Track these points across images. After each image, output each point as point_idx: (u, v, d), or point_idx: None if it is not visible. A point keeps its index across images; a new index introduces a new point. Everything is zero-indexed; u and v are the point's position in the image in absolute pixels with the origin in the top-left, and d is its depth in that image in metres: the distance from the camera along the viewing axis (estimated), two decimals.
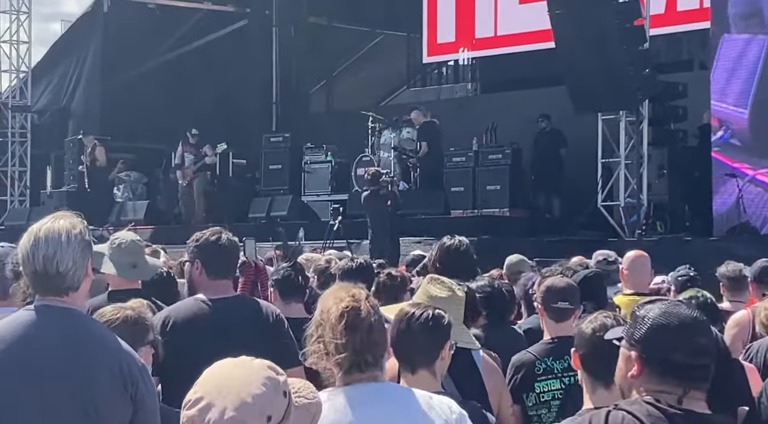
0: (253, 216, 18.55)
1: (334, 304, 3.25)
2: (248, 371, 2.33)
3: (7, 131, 21.54)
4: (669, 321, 2.63)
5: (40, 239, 3.28)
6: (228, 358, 2.40)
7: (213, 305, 4.90)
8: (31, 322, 3.27)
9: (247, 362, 2.36)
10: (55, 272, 3.25)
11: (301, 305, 5.69)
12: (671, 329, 2.63)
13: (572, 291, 4.95)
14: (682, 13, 17.56)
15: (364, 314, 3.21)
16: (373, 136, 18.44)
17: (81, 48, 23.14)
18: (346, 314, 3.21)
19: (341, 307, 3.22)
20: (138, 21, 22.49)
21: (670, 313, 2.65)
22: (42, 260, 3.25)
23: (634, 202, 14.96)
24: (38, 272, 3.26)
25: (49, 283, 3.27)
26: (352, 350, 3.19)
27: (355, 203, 16.10)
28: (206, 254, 4.97)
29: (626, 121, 15.05)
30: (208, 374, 2.34)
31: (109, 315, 3.86)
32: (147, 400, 3.28)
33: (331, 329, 3.22)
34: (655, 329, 2.64)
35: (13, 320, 3.31)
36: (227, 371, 2.34)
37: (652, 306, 2.68)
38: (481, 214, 16.53)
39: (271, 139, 20.30)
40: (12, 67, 21.94)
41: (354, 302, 3.23)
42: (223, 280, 5.00)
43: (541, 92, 18.50)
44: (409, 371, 3.65)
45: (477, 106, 20.83)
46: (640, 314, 2.68)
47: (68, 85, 23.05)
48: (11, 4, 21.60)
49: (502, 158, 17.13)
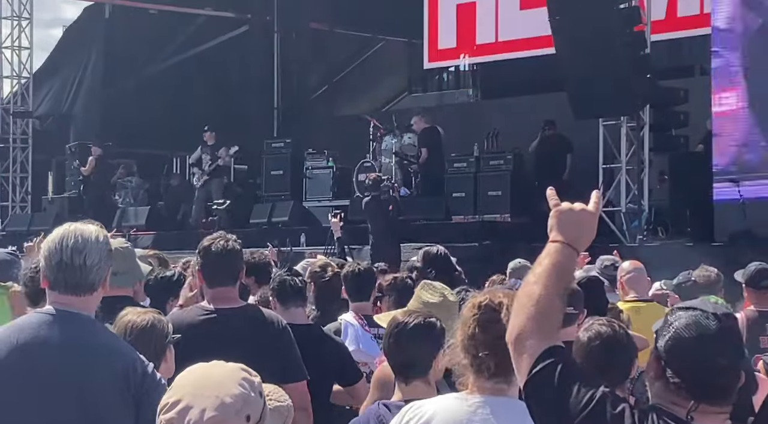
0: (255, 222, 18.55)
1: (471, 299, 3.16)
2: (223, 372, 2.34)
3: (9, 137, 21.54)
4: (692, 334, 2.51)
5: (70, 232, 3.36)
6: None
7: (215, 314, 4.82)
8: (37, 326, 3.29)
9: (220, 364, 2.37)
10: (81, 262, 3.31)
11: (302, 309, 5.67)
12: (692, 344, 2.51)
13: (577, 296, 4.96)
14: (682, 18, 17.57)
15: (502, 313, 3.07)
16: (374, 142, 18.44)
17: (82, 54, 23.17)
18: (483, 308, 3.11)
19: (478, 301, 3.13)
20: (139, 27, 22.53)
21: (696, 326, 2.52)
22: (70, 251, 3.31)
23: (636, 208, 14.96)
24: (64, 261, 3.31)
25: (73, 276, 3.32)
26: (483, 347, 3.06)
27: (356, 209, 16.10)
28: (205, 261, 4.89)
29: (627, 126, 15.06)
30: (183, 378, 2.34)
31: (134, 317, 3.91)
32: (154, 401, 3.27)
33: (465, 323, 3.11)
34: (676, 339, 2.53)
35: (20, 323, 3.34)
36: (202, 373, 2.34)
37: (683, 314, 2.56)
38: (482, 219, 16.52)
39: (272, 145, 20.30)
40: (14, 73, 21.95)
41: (490, 300, 3.13)
42: (224, 288, 4.88)
43: (542, 98, 18.51)
44: (403, 381, 3.59)
45: (478, 112, 20.85)
46: (670, 318, 2.58)
47: (69, 90, 23.07)
48: (13, 10, 21.62)
49: (504, 164, 17.12)
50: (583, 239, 2.73)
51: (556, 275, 2.63)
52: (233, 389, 2.28)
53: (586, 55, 14.05)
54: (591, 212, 2.76)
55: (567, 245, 2.69)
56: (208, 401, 2.25)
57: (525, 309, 2.57)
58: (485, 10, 20.09)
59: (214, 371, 2.34)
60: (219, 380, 2.30)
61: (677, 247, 13.48)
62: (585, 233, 2.74)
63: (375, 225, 14.48)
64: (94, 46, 22.98)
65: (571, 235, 2.72)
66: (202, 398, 2.26)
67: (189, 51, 23.42)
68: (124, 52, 22.38)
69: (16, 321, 3.41)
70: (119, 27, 22.56)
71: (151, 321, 3.92)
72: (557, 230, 2.74)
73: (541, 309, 2.56)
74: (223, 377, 2.32)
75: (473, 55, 20.73)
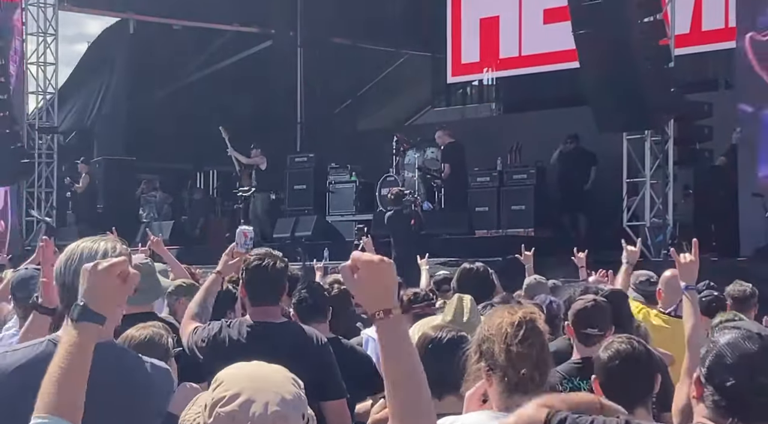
0: (278, 236, 18.57)
1: (508, 315, 3.07)
2: (275, 370, 2.34)
3: (34, 152, 21.67)
4: (734, 353, 2.52)
5: (75, 254, 3.21)
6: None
7: (258, 329, 4.90)
8: (49, 355, 3.02)
9: (267, 365, 2.36)
10: None
11: (324, 324, 5.66)
12: (734, 362, 2.52)
13: (602, 317, 4.93)
14: (707, 32, 17.51)
15: (541, 328, 3.04)
16: (397, 156, 18.45)
17: (106, 69, 23.32)
18: (524, 323, 3.05)
19: (518, 317, 3.05)
20: (163, 42, 22.65)
21: (738, 345, 2.53)
22: (72, 274, 3.14)
23: (660, 222, 14.88)
24: (67, 285, 3.18)
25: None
26: (524, 363, 3.00)
27: (379, 223, 16.09)
28: (249, 278, 4.97)
29: (651, 140, 14.99)
30: (233, 373, 2.32)
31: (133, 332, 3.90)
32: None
33: (503, 338, 3.03)
34: (718, 357, 2.54)
35: (34, 350, 3.20)
36: (255, 369, 2.34)
37: (727, 332, 2.58)
38: (505, 234, 16.48)
39: (295, 160, 20.35)
40: (39, 89, 22.08)
41: (531, 314, 3.08)
42: (267, 306, 4.97)
43: (565, 112, 18.46)
44: (436, 396, 3.55)
45: (501, 126, 20.82)
46: (713, 337, 2.59)
47: (93, 106, 23.21)
48: (39, 26, 21.77)
49: (527, 178, 17.09)
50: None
51: None
52: (290, 387, 2.28)
53: (611, 69, 14.01)
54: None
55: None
56: (269, 396, 2.24)
57: None
58: (509, 25, 20.09)
59: (266, 369, 2.34)
60: (274, 378, 2.30)
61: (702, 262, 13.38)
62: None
63: (397, 240, 14.47)
64: (119, 61, 23.12)
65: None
66: (263, 393, 2.24)
67: (212, 66, 23.53)
68: (148, 68, 22.50)
69: (30, 346, 3.21)
70: (143, 42, 22.68)
71: (149, 336, 3.88)
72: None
73: None
74: (277, 374, 2.32)
75: (497, 70, 20.72)
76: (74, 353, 2.57)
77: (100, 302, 2.64)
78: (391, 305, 2.45)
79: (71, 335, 2.62)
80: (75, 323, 2.63)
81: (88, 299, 2.63)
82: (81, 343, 2.59)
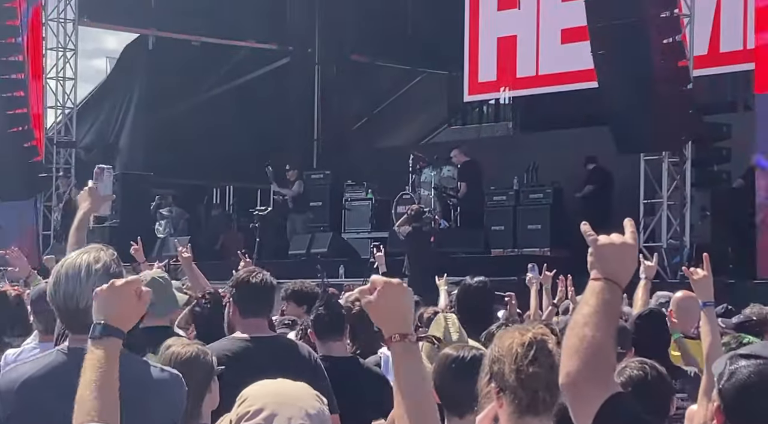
0: (293, 253, 18.58)
1: (519, 335, 3.04)
2: (298, 386, 2.38)
3: (52, 166, 21.74)
4: (757, 383, 2.42)
5: (61, 275, 3.25)
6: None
7: (250, 343, 4.97)
8: (58, 366, 3.19)
9: (288, 381, 2.39)
10: (75, 308, 3.19)
11: (340, 342, 5.65)
12: (757, 393, 2.42)
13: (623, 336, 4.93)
14: (725, 54, 17.47)
15: (552, 348, 2.99)
16: (413, 174, 18.46)
17: (127, 85, 23.43)
18: (535, 343, 3.01)
19: (528, 337, 3.02)
20: (182, 58, 22.76)
21: (761, 375, 2.43)
22: (63, 297, 3.21)
23: (677, 244, 14.84)
24: (61, 308, 3.23)
25: (74, 319, 3.22)
26: (535, 384, 2.97)
27: (395, 241, 16.08)
28: (239, 294, 5.07)
29: (669, 162, 14.96)
30: (257, 389, 2.35)
31: (179, 349, 3.97)
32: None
33: (513, 359, 2.99)
34: (740, 388, 2.43)
35: (42, 362, 3.25)
36: (279, 385, 2.36)
37: (747, 363, 2.45)
38: (521, 253, 16.45)
39: (312, 176, 20.38)
40: (57, 104, 22.17)
41: (542, 335, 3.04)
42: (256, 319, 5.06)
43: (582, 132, 18.46)
44: (457, 415, 3.52)
45: (517, 145, 20.81)
46: (731, 367, 2.47)
47: (115, 122, 23.33)
48: (58, 41, 21.88)
49: (543, 198, 17.07)
50: (625, 273, 2.64)
51: (606, 315, 2.54)
52: (313, 403, 2.32)
53: (629, 90, 14.01)
54: (630, 243, 2.66)
55: (611, 281, 2.60)
56: (293, 410, 2.27)
57: (579, 353, 2.48)
58: (526, 44, 20.09)
59: (289, 385, 2.38)
60: (297, 393, 2.33)
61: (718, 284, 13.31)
62: (627, 266, 2.65)
63: (413, 257, 14.45)
64: (138, 77, 23.23)
65: (613, 270, 2.63)
66: (286, 407, 2.28)
67: (231, 82, 23.62)
68: (168, 83, 22.60)
69: (38, 359, 3.28)
70: (163, 58, 22.80)
71: (195, 353, 3.95)
72: (598, 267, 2.64)
73: (595, 352, 2.48)
74: (300, 390, 2.35)
75: (513, 88, 20.72)
76: (103, 368, 2.67)
77: (119, 318, 2.74)
78: (407, 329, 2.50)
79: (96, 353, 2.70)
80: (98, 341, 2.72)
81: (107, 316, 2.73)
82: (107, 357, 2.69)
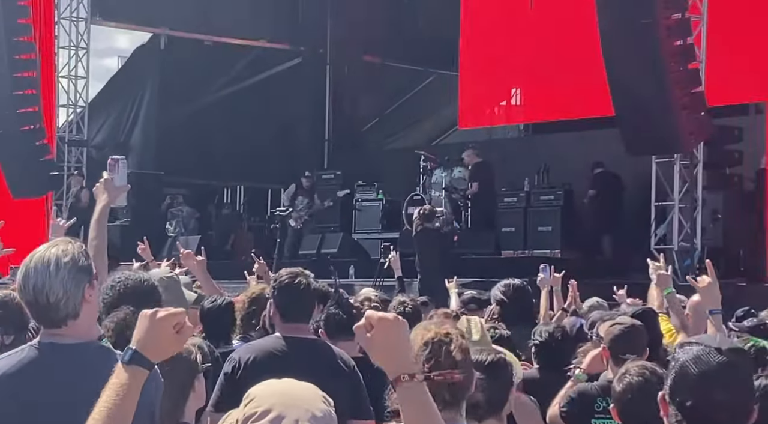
0: (304, 253, 18.59)
1: (421, 333, 3.09)
2: (305, 387, 2.37)
3: (63, 164, 21.79)
4: (693, 369, 2.47)
5: (30, 269, 3.21)
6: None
7: (290, 345, 4.98)
8: (31, 362, 3.18)
9: (296, 381, 2.38)
10: (45, 302, 3.17)
11: (352, 342, 5.65)
12: (692, 377, 2.47)
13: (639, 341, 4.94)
14: None
15: (452, 349, 3.03)
16: (424, 175, 18.45)
17: (139, 84, 23.46)
18: (431, 343, 3.06)
19: (428, 337, 3.07)
20: (194, 58, 22.79)
21: (699, 360, 2.48)
22: (32, 291, 3.18)
23: (688, 247, 14.81)
24: (31, 302, 3.21)
25: (44, 314, 3.20)
26: (431, 382, 2.97)
27: (406, 241, 16.07)
28: (280, 297, 5.06)
29: (680, 164, 14.94)
30: (264, 389, 2.34)
31: None
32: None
33: (415, 358, 3.01)
34: (679, 374, 2.50)
35: (16, 357, 3.23)
36: (285, 386, 2.35)
37: (689, 348, 2.52)
38: (532, 255, 16.43)
39: (322, 176, 20.38)
40: (69, 102, 22.22)
41: (443, 335, 3.06)
42: (297, 324, 5.05)
43: (594, 134, 18.42)
44: (476, 419, 3.48)
45: (528, 147, 20.78)
46: (676, 355, 2.55)
47: (126, 120, 23.36)
48: (71, 39, 21.93)
49: (554, 199, 17.05)
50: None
51: None
52: (320, 405, 2.30)
53: (640, 92, 13.99)
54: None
55: None
56: (300, 412, 2.26)
57: None
58: None
59: (297, 386, 2.36)
60: (305, 395, 2.32)
61: (730, 287, 13.30)
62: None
63: (425, 258, 14.42)
64: (150, 76, 23.26)
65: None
66: (293, 409, 2.27)
67: (242, 82, 23.64)
68: (179, 83, 22.63)
69: (12, 355, 3.25)
70: (175, 58, 22.83)
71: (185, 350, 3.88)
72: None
73: None
74: (307, 391, 2.34)
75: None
76: (122, 395, 2.68)
77: (152, 350, 2.74)
78: (414, 368, 2.42)
79: (121, 377, 2.72)
80: (126, 366, 2.73)
81: (142, 345, 2.73)
82: (130, 385, 2.70)
